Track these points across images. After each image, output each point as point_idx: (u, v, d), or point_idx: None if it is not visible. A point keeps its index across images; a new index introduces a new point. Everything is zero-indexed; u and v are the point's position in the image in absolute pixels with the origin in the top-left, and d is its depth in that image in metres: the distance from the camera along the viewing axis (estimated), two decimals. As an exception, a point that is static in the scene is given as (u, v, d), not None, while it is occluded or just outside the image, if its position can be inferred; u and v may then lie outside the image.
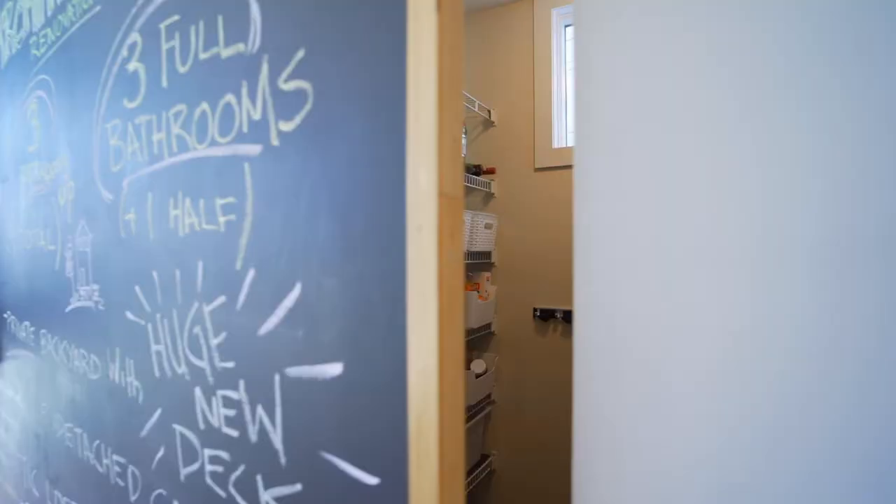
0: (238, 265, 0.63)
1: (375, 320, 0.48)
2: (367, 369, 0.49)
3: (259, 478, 0.62)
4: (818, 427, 0.28)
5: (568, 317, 1.82)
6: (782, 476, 0.29)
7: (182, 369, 0.73)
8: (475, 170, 1.90)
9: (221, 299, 0.66)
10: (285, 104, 0.57)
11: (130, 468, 0.85)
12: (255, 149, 0.61)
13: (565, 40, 1.95)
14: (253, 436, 0.62)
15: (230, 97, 0.64)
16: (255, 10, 0.60)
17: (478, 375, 1.81)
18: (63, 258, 1.05)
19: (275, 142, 0.58)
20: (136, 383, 0.84)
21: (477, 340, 2.00)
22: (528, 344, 1.93)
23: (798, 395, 0.28)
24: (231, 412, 0.65)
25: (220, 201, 0.66)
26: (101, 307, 0.92)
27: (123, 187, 0.85)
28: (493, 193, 2.00)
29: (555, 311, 1.85)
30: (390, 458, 0.47)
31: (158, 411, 0.79)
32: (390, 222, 0.46)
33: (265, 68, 0.59)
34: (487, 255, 1.95)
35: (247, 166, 0.62)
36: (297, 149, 0.55)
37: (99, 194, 0.92)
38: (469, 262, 1.84)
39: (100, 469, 0.94)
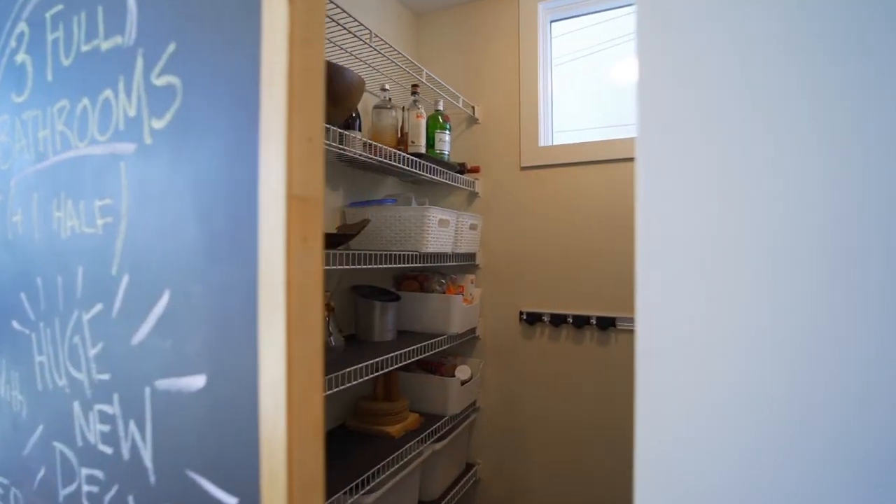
0: (114, 270, 0.59)
1: (234, 329, 0.45)
2: (227, 381, 0.46)
3: (131, 498, 0.58)
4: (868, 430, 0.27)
5: (556, 320, 1.74)
6: (825, 480, 0.28)
7: (62, 382, 0.68)
8: (459, 168, 1.80)
9: (99, 307, 0.62)
10: (158, 100, 0.53)
11: (13, 490, 0.79)
12: (130, 147, 0.57)
13: (551, 37, 1.88)
14: (126, 453, 0.58)
15: (108, 92, 0.60)
16: (131, 0, 0.57)
17: (463, 382, 1.70)
18: (-45, 263, 0.97)
19: (148, 140, 0.55)
20: (20, 398, 0.78)
21: (461, 346, 1.91)
22: (514, 348, 1.84)
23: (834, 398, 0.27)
24: (106, 428, 0.61)
25: (98, 203, 0.62)
26: (-11, 315, 0.86)
27: (11, 187, 0.79)
28: (477, 193, 1.91)
29: (542, 315, 1.77)
30: (247, 476, 0.44)
31: (40, 428, 0.73)
32: (247, 226, 0.43)
33: (140, 62, 0.55)
34: (472, 256, 1.86)
35: (123, 166, 0.58)
36: (168, 147, 0.52)
37: (-11, 194, 0.85)
38: (453, 263, 1.76)
39: (-16, 491, 0.87)
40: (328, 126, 1.10)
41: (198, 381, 0.49)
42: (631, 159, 1.60)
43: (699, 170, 0.31)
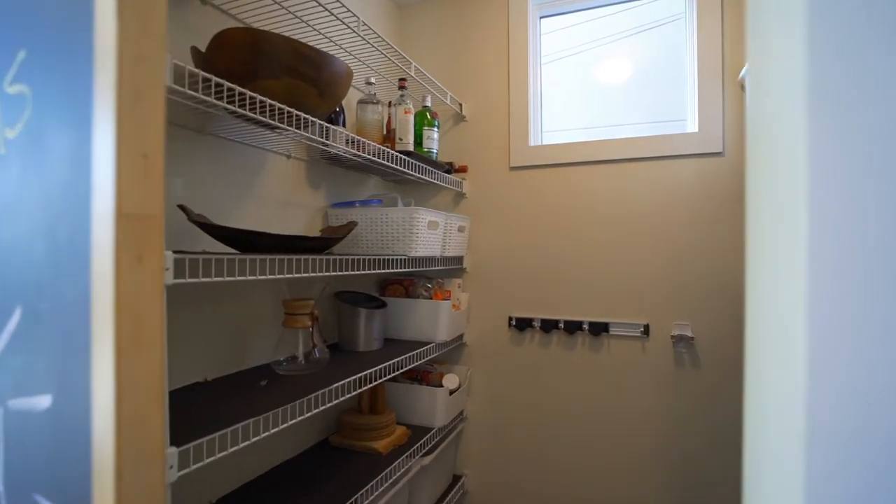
0: (-28, 285, 0.57)
1: (75, 349, 0.44)
2: (68, 403, 0.44)
3: (-14, 524, 0.55)
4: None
5: (546, 326, 1.66)
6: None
7: (-75, 401, 0.65)
8: (447, 167, 1.69)
9: (-42, 322, 0.59)
10: (11, 109, 0.51)
11: None
12: (-14, 156, 0.54)
13: (541, 33, 1.80)
14: (-19, 476, 0.55)
15: (-33, 97, 0.57)
16: (-13, 3, 0.54)
17: (451, 392, 1.61)
18: None
19: (2, 150, 0.52)
20: None
21: (449, 353, 1.81)
22: (503, 355, 1.75)
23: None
24: (-36, 450, 0.58)
25: (-42, 212, 0.59)
26: None
27: None
28: (464, 193, 1.81)
29: (532, 320, 1.68)
30: (84, 502, 0.43)
31: None
32: (83, 243, 0.42)
33: (-5, 68, 0.53)
34: (459, 260, 1.76)
35: (-20, 175, 0.55)
36: (19, 158, 0.50)
37: None
38: (441, 268, 1.68)
39: None
40: (313, 119, 1.06)
41: (44, 402, 0.47)
42: (629, 160, 1.60)
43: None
